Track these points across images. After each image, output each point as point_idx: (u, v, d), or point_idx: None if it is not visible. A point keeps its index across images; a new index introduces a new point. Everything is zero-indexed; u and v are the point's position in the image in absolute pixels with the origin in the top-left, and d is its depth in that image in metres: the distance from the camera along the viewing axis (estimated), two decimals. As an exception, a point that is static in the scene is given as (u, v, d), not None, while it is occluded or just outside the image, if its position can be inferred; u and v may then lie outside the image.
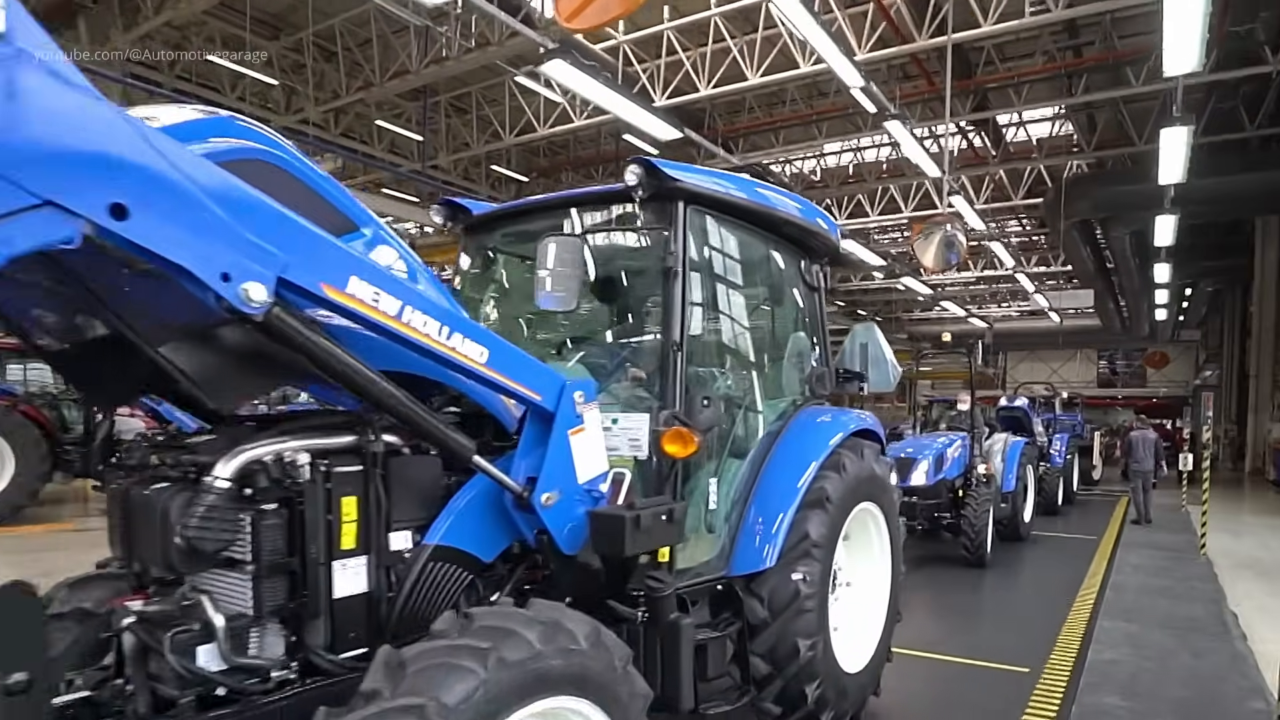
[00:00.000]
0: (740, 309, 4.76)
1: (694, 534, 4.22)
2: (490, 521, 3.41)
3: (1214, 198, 21.93)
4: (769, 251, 4.96)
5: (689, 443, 3.54)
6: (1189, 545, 12.95)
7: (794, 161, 29.25)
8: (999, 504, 11.93)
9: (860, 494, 4.97)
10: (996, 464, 12.30)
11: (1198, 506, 18.68)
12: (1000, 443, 12.65)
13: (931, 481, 10.77)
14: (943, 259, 14.50)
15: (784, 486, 4.45)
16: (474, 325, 3.02)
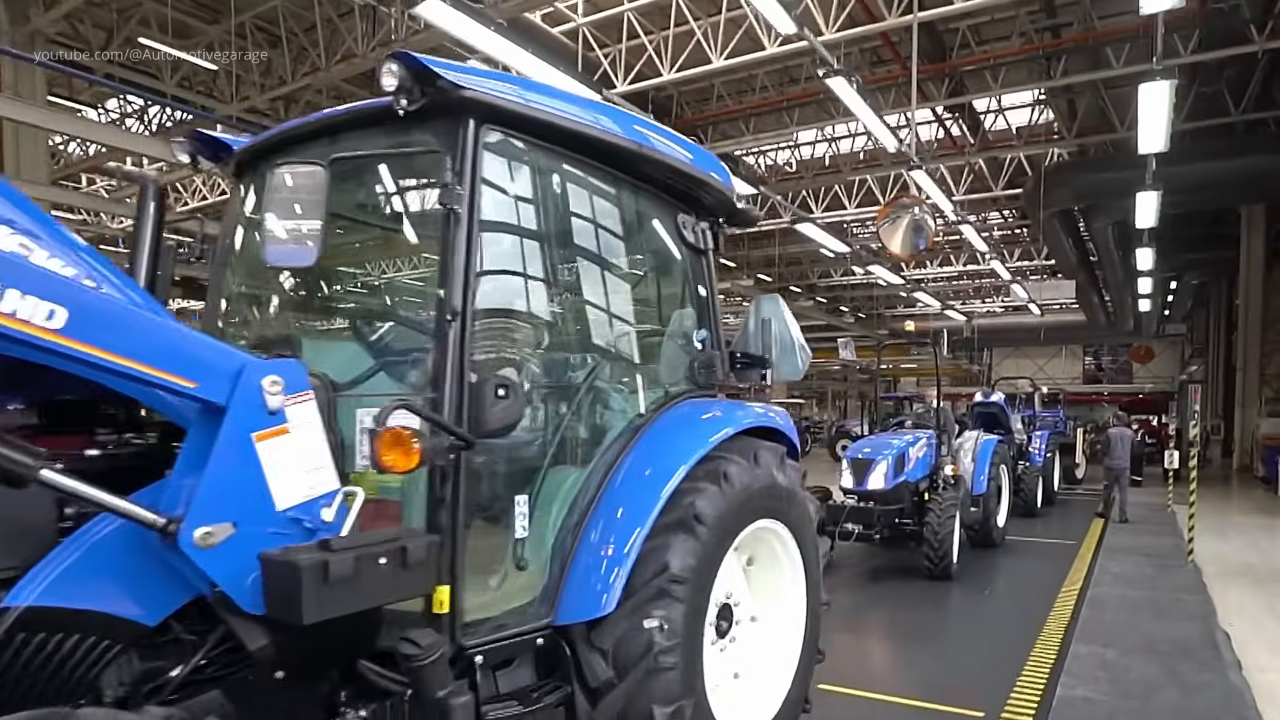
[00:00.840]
0: (579, 273, 3.61)
1: (496, 572, 3.10)
2: (144, 569, 2.27)
3: (1198, 184, 20.92)
4: (628, 200, 3.82)
5: (409, 452, 2.40)
6: (1175, 550, 11.86)
7: (767, 153, 28.25)
8: (969, 508, 10.81)
9: (754, 510, 3.84)
10: (966, 464, 11.18)
11: (1184, 507, 17.69)
12: (971, 441, 11.51)
13: (891, 484, 9.63)
14: (910, 244, 13.41)
15: (634, 504, 3.32)
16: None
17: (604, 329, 3.74)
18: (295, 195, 2.67)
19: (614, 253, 3.77)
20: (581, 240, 3.56)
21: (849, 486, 9.78)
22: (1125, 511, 15.76)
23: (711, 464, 3.58)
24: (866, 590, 9.29)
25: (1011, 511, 15.19)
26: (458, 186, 2.79)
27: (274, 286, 3.60)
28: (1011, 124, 24.48)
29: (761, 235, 34.36)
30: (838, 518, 9.55)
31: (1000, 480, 12.06)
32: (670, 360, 4.05)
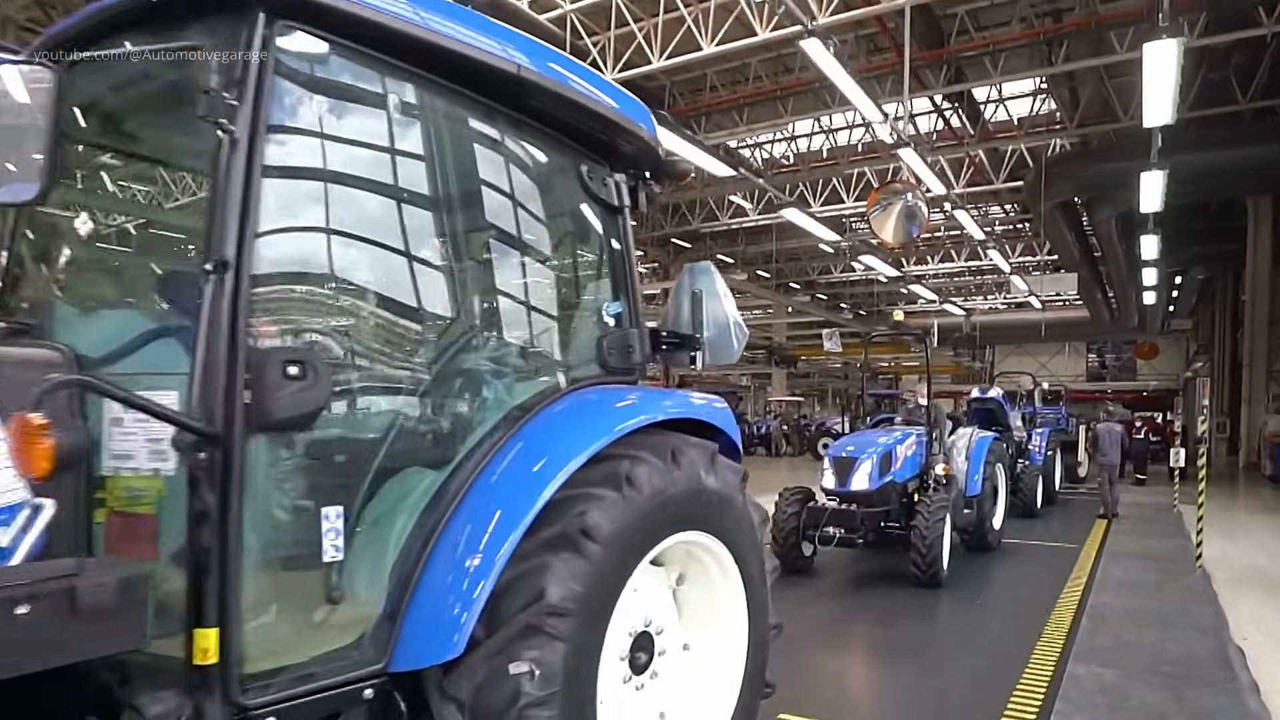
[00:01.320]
0: (432, 227, 2.85)
1: (300, 608, 2.39)
2: None
3: (1204, 174, 20.13)
4: (510, 141, 3.08)
5: (35, 449, 1.68)
6: (1182, 553, 11.10)
7: (764, 145, 27.54)
8: (961, 510, 10.06)
9: (673, 520, 3.11)
10: (959, 463, 10.43)
11: (1191, 506, 16.88)
12: (965, 438, 10.75)
13: (875, 485, 8.87)
14: (903, 232, 12.66)
15: (501, 515, 2.60)
16: None
17: (469, 298, 2.98)
18: (16, 106, 1.96)
19: (484, 205, 3.01)
20: (435, 186, 2.81)
21: (830, 487, 9.03)
22: (1114, 507, 15.38)
23: (610, 464, 2.85)
24: (847, 599, 8.55)
25: (1010, 512, 14.42)
26: (232, 97, 2.07)
27: (27, 236, 2.85)
28: (1012, 114, 23.75)
29: (759, 231, 33.66)
30: (818, 520, 8.81)
31: (996, 480, 11.30)
32: (571, 339, 3.32)
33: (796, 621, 7.41)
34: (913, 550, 8.50)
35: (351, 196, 2.58)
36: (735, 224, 30.90)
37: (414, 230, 2.74)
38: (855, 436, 9.90)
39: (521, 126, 3.04)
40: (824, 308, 42.83)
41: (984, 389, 15.15)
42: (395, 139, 2.65)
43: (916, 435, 9.83)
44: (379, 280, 2.66)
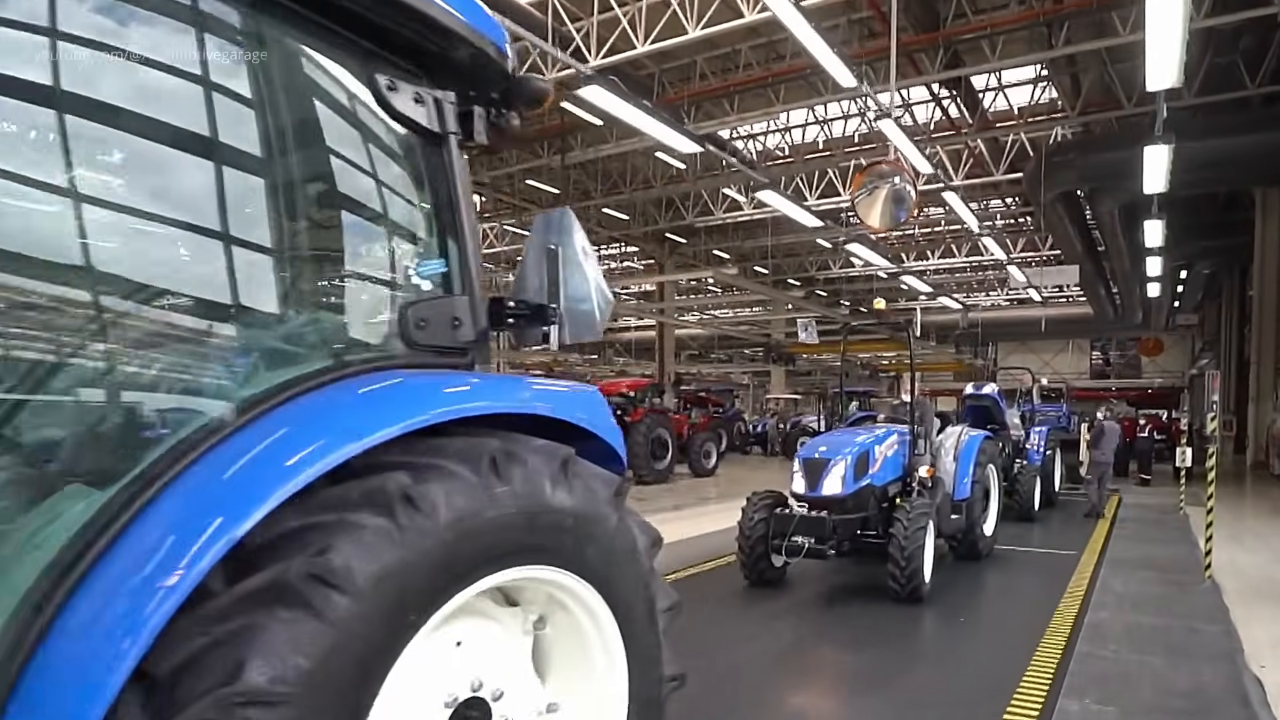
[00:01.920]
0: (96, 148, 1.93)
1: None
2: None
3: (1211, 162, 19.20)
4: (269, 32, 2.18)
5: None
6: (1190, 562, 10.18)
7: (757, 137, 26.67)
8: (948, 516, 9.15)
9: (495, 555, 2.22)
10: (947, 464, 9.52)
11: (1198, 508, 15.94)
12: (953, 438, 9.83)
13: (850, 489, 7.95)
14: (890, 217, 11.76)
15: (167, 554, 1.72)
16: None
17: (175, 252, 2.07)
18: None
19: (209, 119, 2.07)
20: (124, 87, 1.91)
21: (800, 492, 8.12)
22: (1099, 507, 14.84)
23: (377, 479, 1.97)
24: (817, 616, 7.64)
25: (1005, 515, 13.51)
26: None
27: None
28: (1012, 103, 22.86)
29: (754, 225, 32.77)
30: (786, 528, 7.91)
31: (988, 483, 10.39)
32: (350, 309, 2.41)
33: (756, 643, 6.53)
34: (890, 562, 7.60)
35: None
36: (730, 218, 30.00)
37: (90, 155, 1.85)
38: (829, 436, 8.97)
39: (281, 12, 2.14)
40: (823, 304, 41.87)
41: (978, 385, 14.23)
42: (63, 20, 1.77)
43: (898, 434, 8.92)
44: (36, 226, 1.77)
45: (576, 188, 29.22)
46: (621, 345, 52.26)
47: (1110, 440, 15.31)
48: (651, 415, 19.63)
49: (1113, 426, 15.53)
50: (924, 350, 41.61)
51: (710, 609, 7.75)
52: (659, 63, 21.64)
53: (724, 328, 44.17)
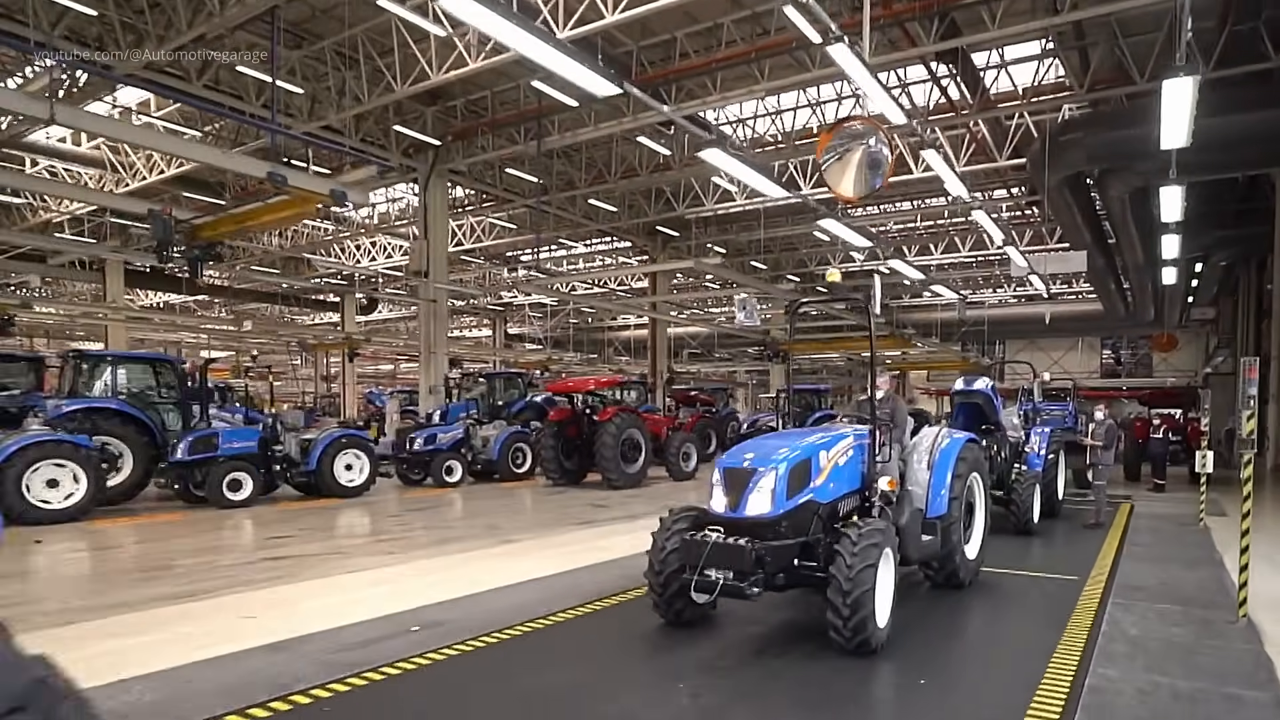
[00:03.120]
0: None
1: None
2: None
3: (1229, 141, 17.13)
4: None
5: None
6: (1217, 590, 8.25)
7: (747, 121, 24.74)
8: (918, 537, 7.24)
9: None
10: (919, 474, 7.59)
11: (1220, 518, 14.00)
12: (929, 440, 7.90)
13: (780, 508, 6.00)
14: (865, 183, 9.87)
15: None
16: None
17: None
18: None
19: None
20: None
21: (719, 511, 6.23)
22: (1099, 515, 13.09)
23: None
24: (735, 678, 5.67)
25: (1000, 529, 11.56)
26: None
27: None
28: (1016, 83, 20.82)
29: (749, 217, 30.83)
30: (698, 558, 6.00)
31: (972, 495, 8.45)
32: None
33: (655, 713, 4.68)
34: (830, 608, 5.69)
35: None
36: (721, 209, 28.09)
37: None
38: (764, 439, 7.02)
39: None
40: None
41: (969, 379, 12.25)
42: None
43: (855, 437, 7.00)
44: None
45: (560, 178, 27.41)
46: (620, 344, 50.39)
47: (1110, 440, 13.51)
48: (622, 415, 17.76)
49: (1110, 425, 13.57)
50: (929, 348, 39.49)
51: (603, 663, 5.90)
52: (637, 39, 19.83)
53: (721, 325, 42.16)
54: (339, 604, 7.54)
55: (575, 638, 6.65)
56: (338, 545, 10.83)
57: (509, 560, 9.80)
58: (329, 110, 20.68)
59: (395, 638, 6.49)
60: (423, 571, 9.14)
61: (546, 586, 8.27)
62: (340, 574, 9.00)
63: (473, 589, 8.08)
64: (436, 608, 7.41)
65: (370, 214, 32.53)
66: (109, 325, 31.86)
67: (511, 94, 22.52)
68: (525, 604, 7.53)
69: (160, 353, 20.57)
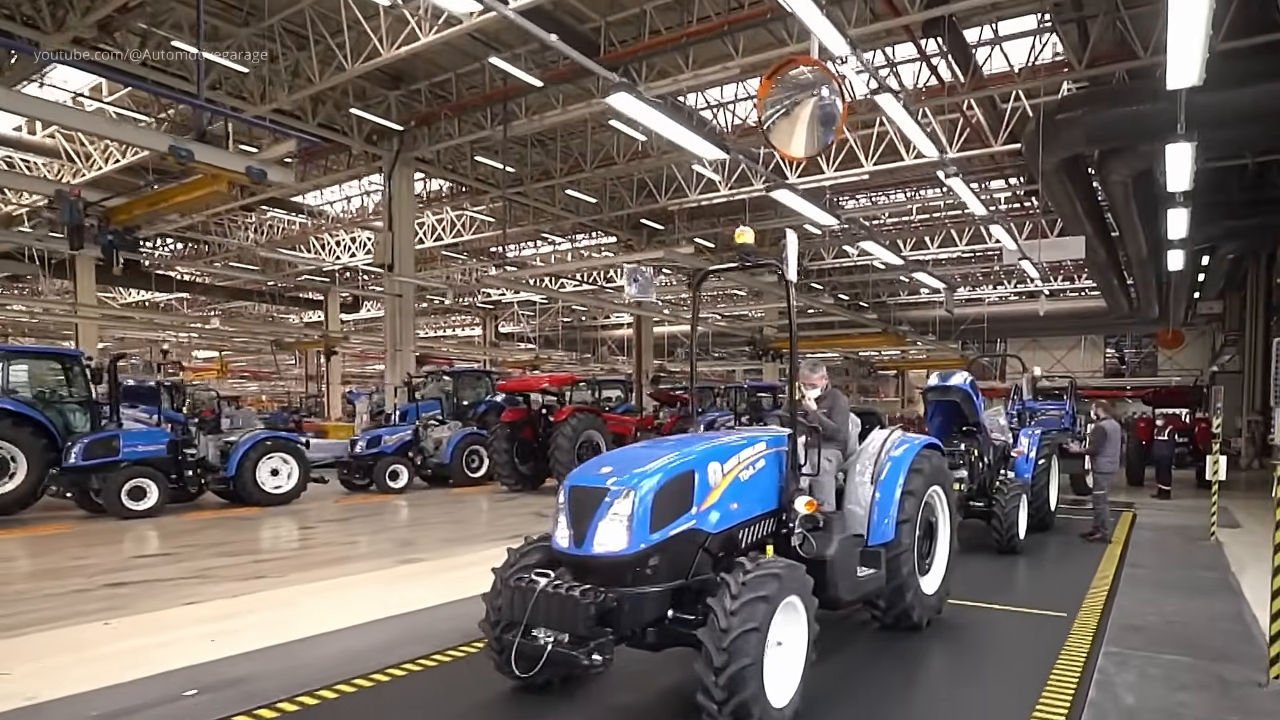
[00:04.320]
0: None
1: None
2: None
3: (1239, 116, 15.28)
4: None
5: None
6: (1236, 633, 6.55)
7: (728, 105, 23.04)
8: (851, 574, 5.54)
9: None
10: (860, 490, 5.90)
11: (1234, 530, 12.27)
12: (876, 446, 6.21)
13: (640, 543, 4.31)
14: (817, 140, 8.20)
15: None
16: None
17: None
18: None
19: None
20: None
21: (562, 547, 4.55)
22: (1105, 529, 11.33)
23: None
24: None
25: (980, 546, 9.86)
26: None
27: None
28: (1011, 61, 19.04)
29: (735, 208, 29.13)
30: (524, 611, 4.31)
31: (934, 514, 6.75)
32: None
33: None
34: (701, 688, 4.00)
35: None
36: (705, 199, 26.40)
37: None
38: (637, 447, 5.30)
39: None
40: (815, 297, 38.00)
41: (944, 375, 10.49)
42: None
43: (769, 443, 5.30)
44: None
45: (536, 168, 25.75)
46: (613, 343, 48.74)
47: (1113, 444, 11.67)
48: (579, 415, 16.09)
49: (1114, 427, 11.83)
50: (926, 344, 37.68)
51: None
52: (605, 13, 18.24)
53: (713, 324, 40.48)
54: (136, 650, 5.95)
55: (398, 703, 4.99)
56: (208, 567, 9.18)
57: (390, 587, 8.16)
58: (280, 92, 19.11)
59: (159, 705, 4.85)
60: (276, 604, 7.49)
61: (399, 627, 6.61)
62: (177, 606, 7.36)
63: (312, 630, 6.43)
64: (247, 658, 5.77)
65: (346, 207, 31.01)
66: (79, 324, 30.43)
67: (477, 76, 20.94)
68: (361, 652, 5.89)
69: (64, 348, 18.97)
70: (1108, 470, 11.56)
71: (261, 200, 27.94)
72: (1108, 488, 11.54)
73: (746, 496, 5.01)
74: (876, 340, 36.92)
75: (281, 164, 13.63)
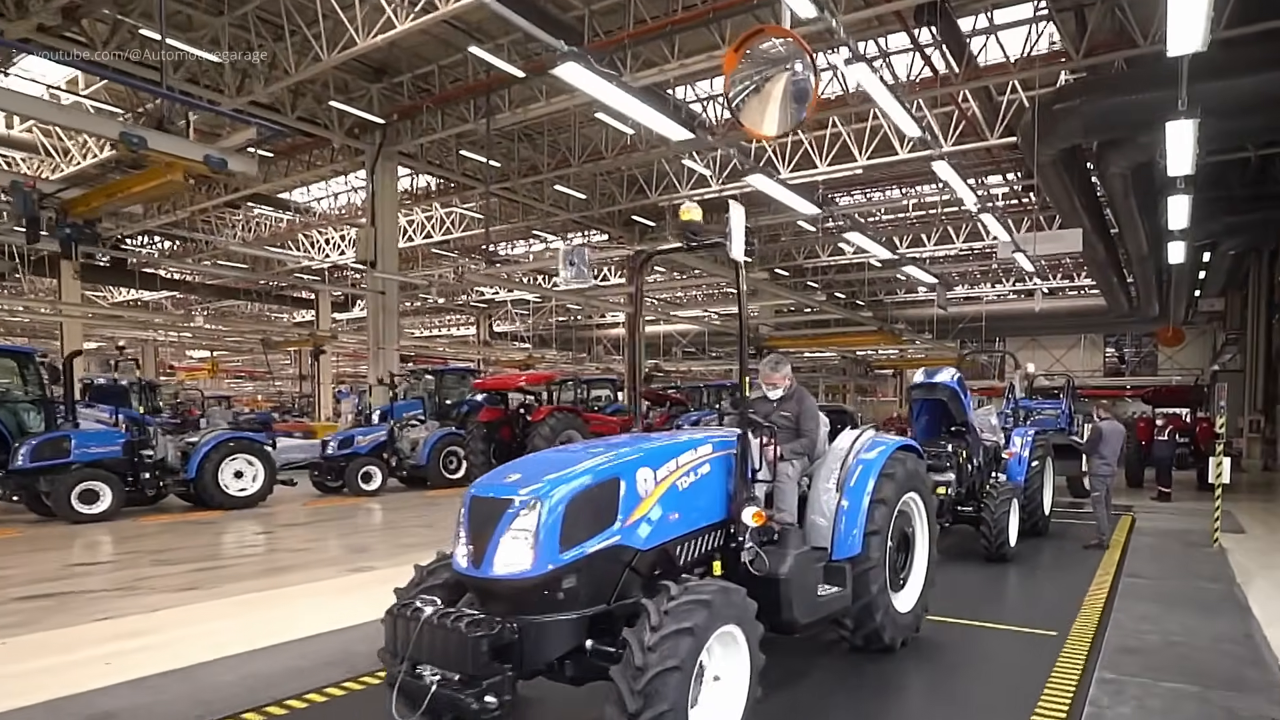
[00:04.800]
0: None
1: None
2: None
3: (1240, 104, 14.60)
4: None
5: None
6: (1245, 656, 5.89)
7: (718, 98, 22.35)
8: (811, 593, 4.87)
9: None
10: (824, 499, 5.24)
11: (1236, 536, 11.55)
12: (845, 446, 5.54)
13: (549, 564, 3.62)
14: (789, 118, 7.53)
15: None
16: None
17: None
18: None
19: None
20: None
21: (460, 567, 3.88)
22: (1105, 535, 10.60)
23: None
24: None
25: (968, 553, 9.21)
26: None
27: None
28: (1007, 52, 18.36)
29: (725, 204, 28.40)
30: (408, 644, 3.64)
31: (911, 524, 6.08)
32: None
33: None
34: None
35: None
36: (696, 194, 25.72)
37: None
38: (552, 452, 4.60)
39: None
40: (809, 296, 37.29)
41: (930, 372, 9.79)
42: None
43: (716, 445, 4.63)
44: None
45: (524, 162, 25.08)
46: (609, 342, 48.05)
47: (1112, 445, 10.98)
48: (558, 415, 15.43)
49: (1114, 428, 11.15)
50: (923, 343, 36.97)
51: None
52: (589, 1, 17.63)
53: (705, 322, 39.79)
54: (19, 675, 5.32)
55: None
56: (141, 577, 8.53)
57: (328, 600, 7.51)
58: (257, 84, 18.49)
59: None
60: (193, 620, 6.83)
61: (317, 648, 5.94)
62: (89, 623, 6.71)
63: (222, 651, 5.77)
64: (135, 686, 5.11)
65: (333, 204, 30.39)
66: (64, 323, 29.81)
67: (460, 69, 20.31)
68: (267, 678, 5.24)
69: (16, 344, 18.33)
70: (1103, 473, 10.88)
71: (245, 196, 27.28)
72: (1104, 490, 10.85)
73: (687, 506, 4.34)
74: (872, 339, 36.20)
75: (243, 153, 12.95)
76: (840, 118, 21.91)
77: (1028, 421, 13.83)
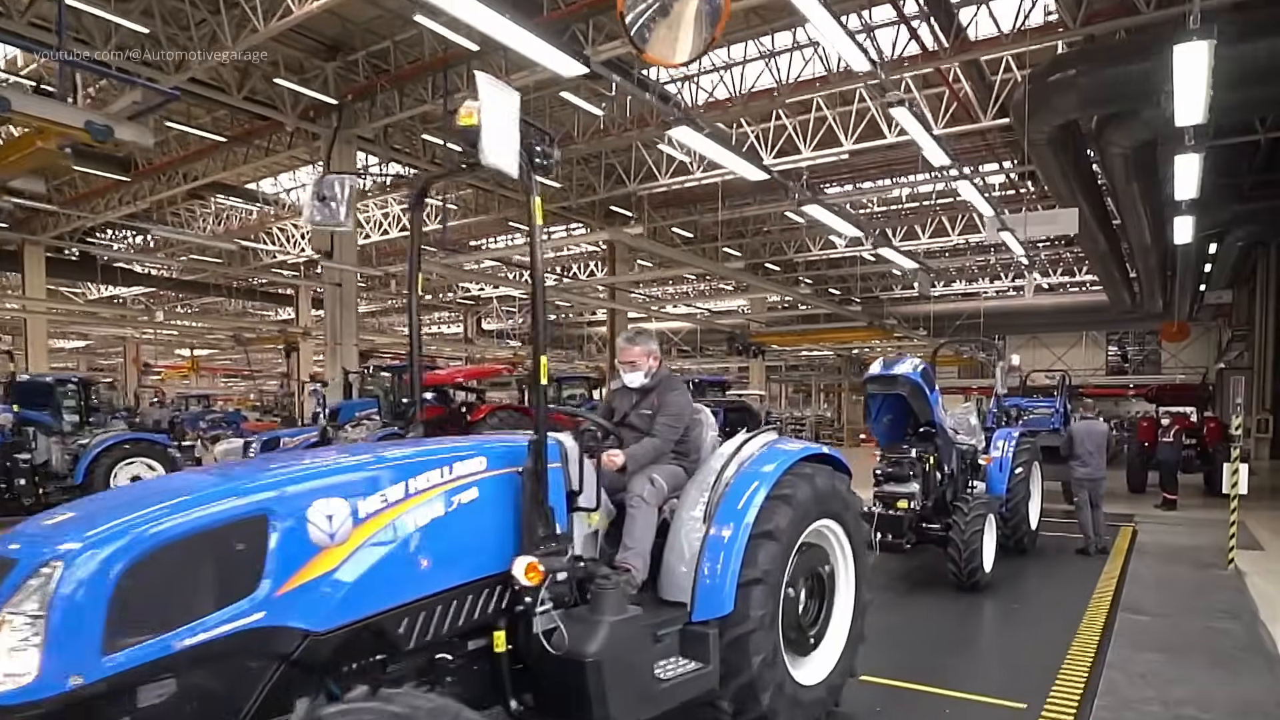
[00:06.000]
0: None
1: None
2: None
3: (1246, 75, 12.82)
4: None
5: None
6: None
7: (695, 78, 20.73)
8: (643, 675, 3.23)
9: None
10: (688, 530, 3.61)
11: (1254, 554, 9.87)
12: (725, 457, 3.92)
13: (63, 681, 2.03)
14: (700, 40, 5.96)
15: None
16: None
17: None
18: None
19: None
20: None
21: None
22: (1096, 541, 9.83)
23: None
24: None
25: (937, 583, 7.56)
26: None
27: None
28: (1001, 27, 16.69)
29: (709, 195, 26.76)
30: None
31: (831, 558, 4.43)
32: None
33: None
34: None
35: None
36: (676, 183, 24.15)
37: None
38: (161, 480, 2.68)
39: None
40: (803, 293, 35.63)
41: (888, 363, 8.10)
42: None
43: (496, 459, 3.02)
44: None
45: (492, 149, 23.46)
46: (600, 340, 46.40)
47: (1089, 446, 9.85)
48: (499, 414, 13.83)
49: (1089, 427, 9.95)
50: (918, 340, 35.26)
51: None
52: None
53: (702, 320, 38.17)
54: None
55: None
56: None
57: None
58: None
59: None
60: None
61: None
62: None
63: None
64: None
65: (302, 196, 28.85)
66: (27, 320, 28.46)
67: (418, 48, 18.78)
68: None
69: None
70: (1082, 476, 9.42)
71: (206, 185, 25.71)
72: (1086, 496, 9.41)
73: (431, 554, 2.72)
74: (863, 335, 34.47)
75: (138, 121, 11.37)
76: (825, 101, 20.38)
77: (1018, 421, 12.19)
